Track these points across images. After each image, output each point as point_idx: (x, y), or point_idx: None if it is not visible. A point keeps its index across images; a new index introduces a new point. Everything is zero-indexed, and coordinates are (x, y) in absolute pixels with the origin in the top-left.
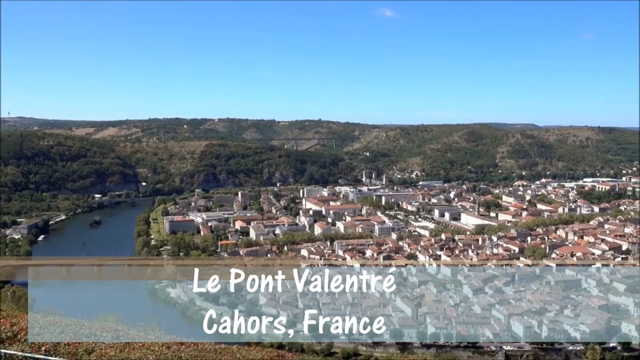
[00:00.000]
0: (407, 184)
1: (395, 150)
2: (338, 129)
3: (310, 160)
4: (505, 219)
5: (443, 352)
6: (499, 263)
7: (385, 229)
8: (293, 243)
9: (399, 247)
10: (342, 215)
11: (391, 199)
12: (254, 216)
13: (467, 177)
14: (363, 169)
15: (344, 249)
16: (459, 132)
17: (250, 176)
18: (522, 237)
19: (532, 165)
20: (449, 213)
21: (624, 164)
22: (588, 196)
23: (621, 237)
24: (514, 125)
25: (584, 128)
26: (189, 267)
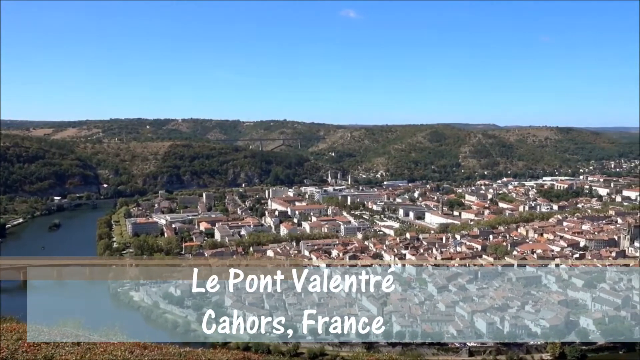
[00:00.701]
0: (372, 183)
1: (360, 150)
2: (303, 130)
3: (276, 161)
4: (468, 217)
5: (408, 350)
6: (462, 261)
7: (351, 228)
8: (259, 244)
9: (365, 247)
10: (307, 215)
11: (356, 198)
12: (218, 217)
13: (431, 176)
14: (328, 169)
15: (310, 249)
16: (423, 132)
17: (215, 177)
18: (484, 235)
19: (494, 165)
20: (414, 212)
21: (581, 163)
22: (547, 194)
23: (579, 234)
24: (475, 126)
25: (543, 128)
26: (152, 269)
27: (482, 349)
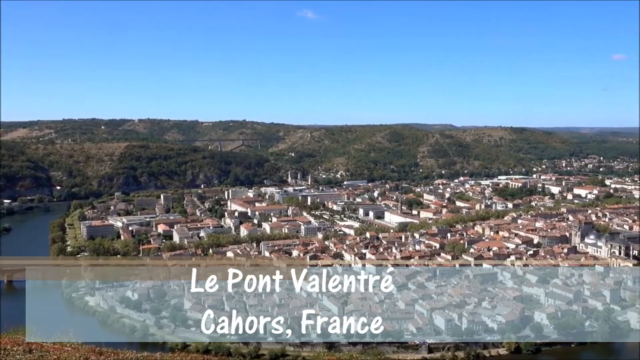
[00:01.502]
0: (332, 183)
1: (320, 150)
2: (263, 130)
3: (235, 162)
4: (426, 216)
5: (369, 348)
6: (421, 260)
7: (311, 229)
8: (218, 245)
9: (325, 247)
10: (268, 216)
11: (317, 199)
12: (177, 219)
13: (390, 176)
14: (288, 169)
15: (271, 250)
16: (382, 132)
17: (173, 178)
18: (442, 233)
19: (451, 164)
20: (373, 212)
21: (534, 162)
22: (502, 193)
23: (533, 231)
24: (433, 126)
25: (498, 128)
26: (108, 273)
27: (440, 345)
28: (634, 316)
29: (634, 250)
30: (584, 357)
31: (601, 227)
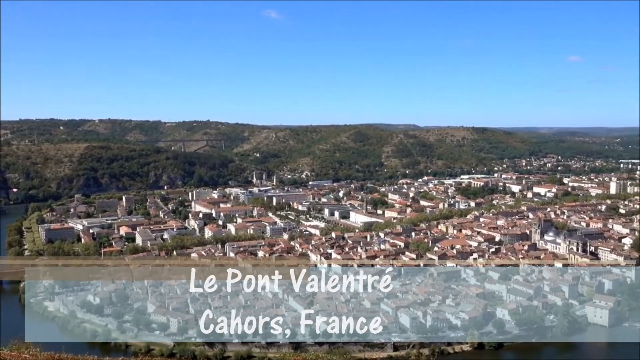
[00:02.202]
0: (297, 184)
1: (285, 150)
2: (227, 130)
3: (199, 162)
4: (391, 215)
5: (335, 348)
6: (386, 259)
7: (277, 229)
8: (183, 247)
9: (291, 247)
10: (233, 217)
11: (282, 199)
12: (140, 221)
13: (355, 176)
14: (253, 170)
15: (236, 251)
16: (347, 132)
17: (136, 179)
18: (407, 232)
19: (415, 164)
20: (339, 212)
21: (496, 162)
22: (465, 192)
23: (494, 229)
24: (397, 126)
25: (460, 128)
26: (69, 276)
27: (406, 343)
28: (591, 310)
29: (591, 247)
30: (545, 352)
31: (560, 225)
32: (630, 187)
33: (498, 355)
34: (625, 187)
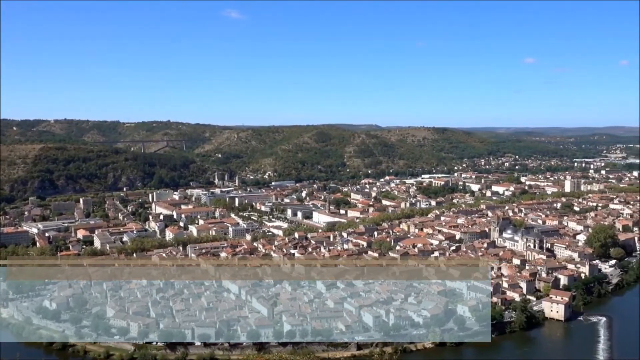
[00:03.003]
0: (260, 184)
1: (247, 151)
2: (188, 131)
3: (160, 163)
4: (354, 215)
5: (299, 348)
6: (349, 258)
7: (240, 230)
8: (143, 250)
9: (254, 248)
10: (194, 218)
11: (244, 200)
12: (98, 224)
13: (317, 176)
14: (215, 170)
15: (198, 252)
16: (309, 132)
17: (93, 181)
18: (369, 232)
19: (377, 164)
20: (302, 212)
21: (456, 161)
22: (426, 191)
23: (455, 227)
24: (359, 126)
25: (421, 128)
26: (23, 282)
27: (369, 342)
28: (547, 305)
29: (547, 243)
30: (504, 347)
31: (517, 222)
32: (584, 185)
33: (459, 352)
34: (579, 185)
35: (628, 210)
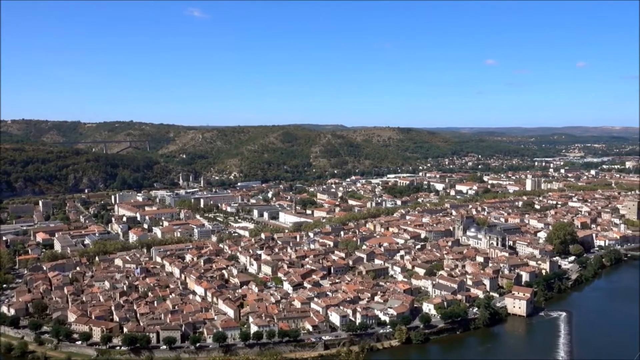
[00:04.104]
0: (225, 185)
1: (212, 151)
2: (152, 131)
3: (122, 164)
4: (320, 215)
5: (266, 349)
6: (316, 258)
7: (205, 231)
8: (105, 253)
9: (220, 250)
10: (159, 220)
11: (210, 201)
12: (58, 226)
13: (283, 176)
14: (180, 171)
15: (162, 255)
16: (275, 133)
17: (53, 183)
18: (336, 231)
19: (343, 164)
20: (268, 212)
21: (420, 161)
22: (391, 191)
23: (420, 226)
24: (325, 126)
25: (387, 128)
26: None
27: (336, 341)
28: (510, 302)
29: (510, 241)
30: (468, 343)
31: (480, 221)
32: (544, 184)
33: (425, 349)
34: (539, 184)
35: (586, 208)
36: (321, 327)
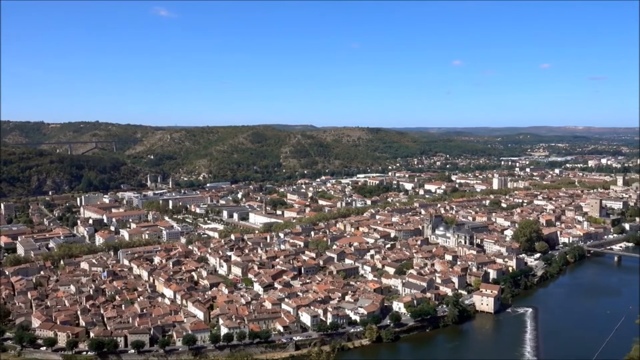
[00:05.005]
0: (194, 186)
1: (181, 152)
2: (118, 131)
3: (88, 166)
4: (290, 215)
5: (237, 351)
6: (286, 258)
7: (174, 233)
8: (71, 256)
9: (189, 251)
10: (126, 222)
11: (179, 202)
12: (21, 230)
13: (253, 177)
14: (147, 172)
15: (130, 257)
16: (245, 133)
17: (16, 185)
18: (306, 232)
19: (313, 164)
20: (238, 213)
21: (389, 160)
22: (361, 190)
23: (389, 225)
24: (294, 127)
25: (356, 128)
26: None
27: (307, 341)
28: (478, 299)
29: (477, 239)
30: (437, 340)
31: (449, 219)
32: (511, 183)
33: (395, 347)
34: (506, 183)
35: (551, 206)
36: (292, 327)
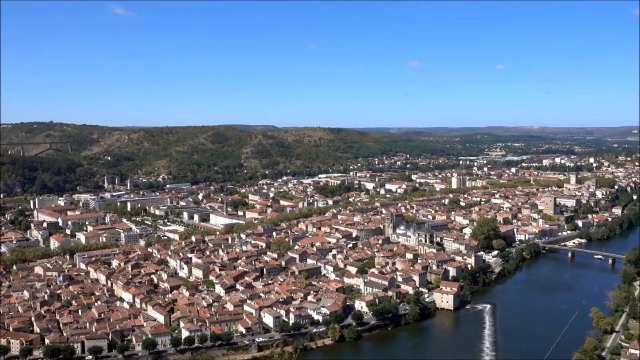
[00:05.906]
0: (153, 187)
1: (139, 153)
2: (74, 132)
3: (42, 167)
4: (252, 216)
5: (198, 354)
6: (248, 260)
7: (132, 236)
8: (24, 261)
9: (148, 254)
10: (82, 225)
11: (137, 204)
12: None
13: (214, 177)
14: (105, 174)
15: (87, 261)
16: (205, 133)
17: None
18: (268, 232)
19: (274, 164)
20: (198, 215)
21: (351, 161)
22: (323, 190)
23: (351, 225)
24: (256, 127)
25: (317, 129)
26: None
27: (270, 342)
28: (438, 296)
29: (437, 238)
30: (399, 338)
31: (409, 218)
32: (469, 182)
33: (358, 346)
34: (464, 182)
35: (507, 204)
36: (254, 329)
